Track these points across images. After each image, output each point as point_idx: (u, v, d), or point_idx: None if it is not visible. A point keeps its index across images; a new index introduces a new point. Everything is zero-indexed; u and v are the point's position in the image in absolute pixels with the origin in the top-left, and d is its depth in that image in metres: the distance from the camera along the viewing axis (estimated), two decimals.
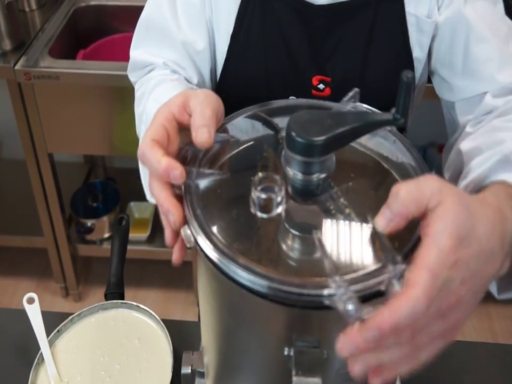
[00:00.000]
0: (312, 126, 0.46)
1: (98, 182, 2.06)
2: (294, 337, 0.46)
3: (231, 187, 0.52)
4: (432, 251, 0.41)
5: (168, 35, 0.78)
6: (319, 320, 0.46)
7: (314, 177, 0.48)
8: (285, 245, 0.47)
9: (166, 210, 0.49)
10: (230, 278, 0.44)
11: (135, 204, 2.00)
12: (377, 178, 0.55)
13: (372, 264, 0.44)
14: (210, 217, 0.48)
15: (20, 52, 1.60)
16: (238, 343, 0.51)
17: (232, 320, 0.50)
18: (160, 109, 0.52)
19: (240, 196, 0.50)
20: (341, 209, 0.47)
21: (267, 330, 0.48)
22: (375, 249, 0.45)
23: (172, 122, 0.51)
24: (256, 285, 0.43)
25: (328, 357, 0.46)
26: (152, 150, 0.49)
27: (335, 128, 0.46)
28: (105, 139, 1.72)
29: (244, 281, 0.43)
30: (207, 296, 0.53)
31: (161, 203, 0.50)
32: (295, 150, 0.46)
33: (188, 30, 0.77)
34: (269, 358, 0.50)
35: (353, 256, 0.45)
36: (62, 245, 1.87)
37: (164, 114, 0.51)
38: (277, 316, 0.46)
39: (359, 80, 0.75)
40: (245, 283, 0.43)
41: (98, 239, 1.93)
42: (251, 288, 0.43)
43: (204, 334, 0.59)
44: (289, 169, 0.48)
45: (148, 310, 0.84)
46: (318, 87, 0.75)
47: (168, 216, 0.49)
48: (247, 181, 0.48)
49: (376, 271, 0.43)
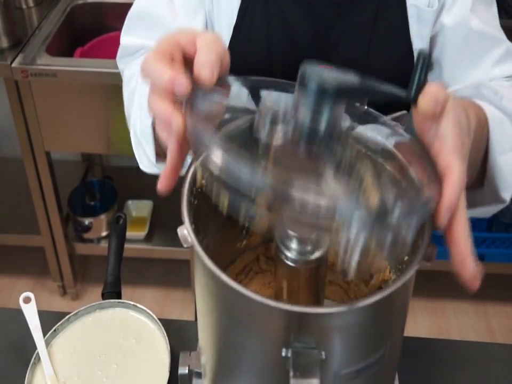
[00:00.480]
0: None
1: (95, 181, 2.06)
2: (292, 338, 0.46)
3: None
4: (448, 139, 0.48)
5: (162, 23, 0.77)
6: (317, 321, 0.45)
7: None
8: None
9: (168, 116, 0.47)
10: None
11: (133, 202, 2.00)
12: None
13: None
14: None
15: (17, 50, 1.59)
16: (235, 344, 0.51)
17: (229, 321, 0.50)
18: (165, 36, 0.50)
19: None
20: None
21: (264, 331, 0.48)
22: None
23: (179, 47, 0.49)
24: None
25: (326, 358, 0.46)
26: (157, 61, 0.47)
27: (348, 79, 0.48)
28: (103, 137, 1.71)
29: None
30: (203, 296, 0.53)
31: (162, 112, 0.47)
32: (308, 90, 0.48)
33: (185, 18, 0.77)
34: (267, 359, 0.49)
35: None
36: (59, 243, 1.86)
37: (171, 40, 0.49)
38: (275, 316, 0.46)
39: (361, 70, 0.75)
40: None
41: (95, 238, 1.92)
42: None
43: (201, 334, 0.58)
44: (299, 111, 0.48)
45: (145, 310, 0.83)
46: None
47: (172, 120, 0.47)
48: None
49: None
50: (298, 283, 0.58)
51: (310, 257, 0.55)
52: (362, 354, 0.49)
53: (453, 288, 1.03)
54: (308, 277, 0.57)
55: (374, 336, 0.49)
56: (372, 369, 0.51)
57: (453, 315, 1.89)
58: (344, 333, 0.47)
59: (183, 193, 0.53)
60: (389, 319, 0.50)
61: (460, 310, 1.91)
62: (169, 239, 1.93)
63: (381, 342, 0.50)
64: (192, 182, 0.55)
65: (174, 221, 0.76)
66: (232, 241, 0.68)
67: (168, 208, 1.99)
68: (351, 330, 0.47)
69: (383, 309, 0.47)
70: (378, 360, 0.51)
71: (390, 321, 0.51)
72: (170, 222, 1.70)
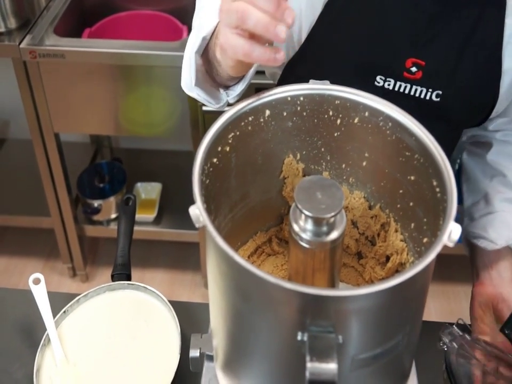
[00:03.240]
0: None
1: (104, 163, 2.04)
2: (308, 322, 0.44)
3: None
4: None
5: None
6: (335, 305, 0.44)
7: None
8: None
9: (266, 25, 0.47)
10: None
11: (142, 184, 1.98)
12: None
13: None
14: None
15: (25, 30, 1.57)
16: (249, 327, 0.50)
17: (243, 303, 0.49)
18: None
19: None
20: None
21: (280, 314, 0.46)
22: None
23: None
24: None
25: (343, 342, 0.45)
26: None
27: None
28: (112, 118, 1.70)
29: None
30: (215, 278, 0.52)
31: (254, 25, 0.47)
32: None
33: None
34: (281, 343, 0.48)
35: None
36: (69, 225, 1.86)
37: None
38: (291, 299, 0.44)
39: (450, 74, 0.73)
40: None
41: (105, 220, 1.91)
42: None
43: (213, 317, 0.57)
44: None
45: (155, 292, 0.82)
46: (411, 69, 0.72)
47: (270, 26, 0.47)
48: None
49: None
50: (313, 266, 0.56)
51: (326, 239, 0.54)
52: (380, 339, 0.48)
53: (465, 271, 1.01)
54: (323, 260, 0.55)
55: (393, 321, 0.47)
56: (389, 354, 0.49)
57: (465, 299, 1.87)
58: (363, 317, 0.45)
59: (195, 172, 0.52)
60: (408, 303, 0.48)
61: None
62: (178, 221, 1.92)
63: (400, 327, 0.48)
64: (204, 161, 0.53)
65: (183, 203, 0.75)
66: (243, 222, 0.67)
67: (178, 190, 1.98)
68: (369, 314, 0.45)
69: (404, 293, 0.46)
70: (395, 346, 0.49)
71: (410, 305, 0.49)
72: (180, 204, 1.69)
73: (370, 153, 0.63)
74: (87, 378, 0.76)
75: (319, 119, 0.62)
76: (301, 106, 0.61)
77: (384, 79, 0.71)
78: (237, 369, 0.55)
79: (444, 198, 0.51)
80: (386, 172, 0.62)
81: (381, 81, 0.72)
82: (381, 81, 0.72)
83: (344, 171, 0.66)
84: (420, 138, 0.56)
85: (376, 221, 0.66)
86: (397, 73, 0.73)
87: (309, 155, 0.66)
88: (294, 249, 0.56)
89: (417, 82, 0.72)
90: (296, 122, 0.62)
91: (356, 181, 0.66)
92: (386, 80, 0.72)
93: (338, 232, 0.54)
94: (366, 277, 0.68)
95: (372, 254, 0.68)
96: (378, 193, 0.65)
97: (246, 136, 0.59)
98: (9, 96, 1.81)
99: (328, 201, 0.53)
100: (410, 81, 0.72)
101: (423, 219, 0.57)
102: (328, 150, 0.65)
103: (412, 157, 0.57)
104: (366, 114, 0.60)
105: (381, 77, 0.71)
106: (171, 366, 0.74)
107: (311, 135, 0.64)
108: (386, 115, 0.59)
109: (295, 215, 0.55)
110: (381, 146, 0.61)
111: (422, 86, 0.72)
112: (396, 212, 0.63)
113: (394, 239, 0.63)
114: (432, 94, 0.73)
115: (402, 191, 0.61)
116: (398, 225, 0.63)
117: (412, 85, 0.73)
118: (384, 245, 0.65)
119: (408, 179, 0.59)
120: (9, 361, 0.82)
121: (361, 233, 0.69)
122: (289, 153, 0.65)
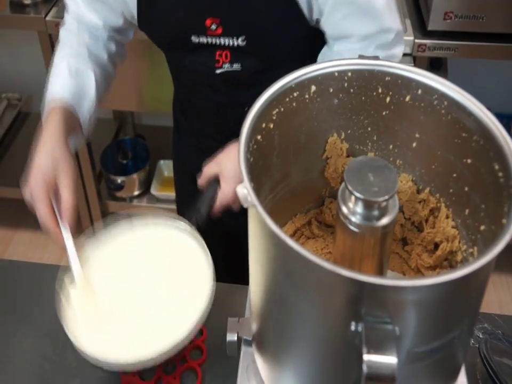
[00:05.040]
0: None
1: (128, 139, 2.02)
2: (364, 312, 0.41)
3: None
4: None
5: None
6: (394, 295, 0.41)
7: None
8: None
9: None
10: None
11: (165, 162, 1.96)
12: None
13: None
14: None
15: (51, 3, 1.54)
16: (297, 314, 0.47)
17: (291, 289, 0.46)
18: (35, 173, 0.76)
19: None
20: None
21: (332, 302, 0.44)
22: None
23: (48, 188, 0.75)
24: None
25: (400, 334, 0.42)
26: (41, 205, 0.75)
27: None
28: (135, 95, 1.68)
29: None
30: (261, 261, 0.49)
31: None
32: None
33: None
34: (332, 332, 0.45)
35: None
36: (93, 201, 1.85)
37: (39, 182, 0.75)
38: (346, 287, 0.42)
39: (245, 16, 0.82)
40: None
41: (128, 197, 1.90)
42: None
43: (255, 301, 0.55)
44: None
45: (187, 227, 0.77)
46: (211, 27, 0.83)
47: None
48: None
49: None
50: (361, 251, 0.53)
51: (377, 223, 0.51)
52: (439, 332, 0.45)
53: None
54: (373, 246, 0.53)
55: (453, 314, 0.45)
56: (445, 348, 0.47)
57: (493, 289, 1.83)
58: (422, 309, 0.43)
59: (241, 150, 0.49)
60: (469, 296, 0.45)
61: (499, 284, 1.85)
62: None
63: (459, 320, 0.45)
64: (249, 138, 0.50)
65: None
66: (283, 203, 0.64)
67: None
68: (430, 306, 0.43)
69: (467, 284, 0.43)
70: (452, 340, 0.46)
71: (470, 298, 0.46)
72: None
73: (421, 133, 0.59)
74: (107, 306, 0.71)
75: (367, 96, 0.59)
76: (348, 83, 0.58)
77: (197, 36, 0.84)
78: (279, 358, 0.53)
79: (509, 183, 0.48)
80: (439, 154, 0.58)
81: (196, 39, 0.85)
82: (196, 39, 0.85)
83: (391, 152, 0.63)
84: (480, 119, 0.52)
85: (425, 206, 0.63)
86: (204, 31, 0.84)
87: (354, 134, 0.62)
88: (341, 233, 0.53)
89: (221, 35, 0.83)
90: (342, 99, 0.59)
91: (403, 163, 0.63)
92: (200, 36, 0.84)
93: (390, 217, 0.51)
94: (411, 265, 0.65)
95: (418, 240, 0.65)
96: (428, 176, 0.61)
97: (290, 113, 0.56)
98: (34, 70, 1.79)
99: (380, 183, 0.50)
100: (217, 36, 0.84)
101: (481, 205, 0.54)
102: (375, 129, 0.61)
103: (470, 139, 0.54)
104: (419, 92, 0.56)
105: (194, 36, 0.84)
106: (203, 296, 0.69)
107: (358, 113, 0.60)
108: (441, 93, 0.55)
109: (344, 196, 0.52)
110: (434, 126, 0.57)
111: (227, 37, 0.83)
112: (448, 196, 0.60)
113: (445, 225, 0.60)
114: (238, 40, 0.83)
115: (456, 174, 0.57)
116: (449, 210, 0.60)
117: (219, 37, 0.84)
118: (433, 232, 0.62)
119: (464, 162, 0.55)
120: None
121: (407, 218, 0.65)
122: (334, 132, 0.62)
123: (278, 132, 0.56)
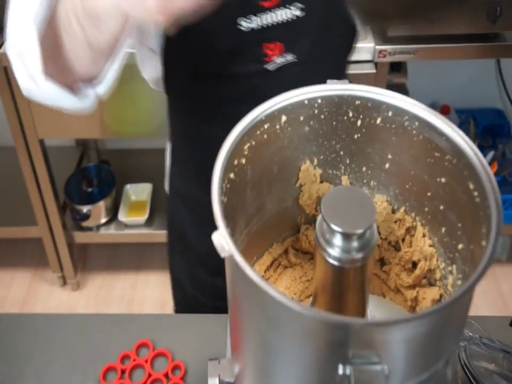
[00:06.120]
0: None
1: (92, 166, 1.97)
2: (351, 354, 0.40)
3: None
4: None
5: None
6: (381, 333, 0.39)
7: None
8: None
9: None
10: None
11: (131, 186, 1.92)
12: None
13: None
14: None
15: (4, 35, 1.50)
16: (280, 359, 0.45)
17: (274, 336, 0.44)
18: None
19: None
20: None
21: (318, 347, 0.42)
22: None
23: None
24: None
25: (390, 372, 0.40)
26: None
27: None
28: (98, 121, 1.63)
29: None
30: (241, 306, 0.47)
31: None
32: None
33: None
34: (319, 377, 0.43)
35: None
36: (58, 233, 1.79)
37: None
38: (331, 331, 0.40)
39: None
40: None
41: (95, 225, 1.85)
42: None
43: (234, 343, 0.52)
44: None
45: None
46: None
47: None
48: None
49: None
50: (341, 282, 0.52)
51: (356, 255, 0.49)
52: (428, 362, 0.44)
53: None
54: (353, 276, 0.51)
55: (442, 340, 0.43)
56: (435, 377, 0.45)
57: None
58: (410, 344, 0.41)
59: (214, 194, 0.46)
60: (457, 320, 0.44)
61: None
62: None
63: (448, 346, 0.44)
64: (222, 178, 0.48)
65: None
66: (259, 235, 0.62)
67: None
68: (417, 340, 0.41)
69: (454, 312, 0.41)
70: (442, 366, 0.45)
71: (458, 321, 0.45)
72: None
73: (394, 154, 0.58)
74: None
75: (338, 121, 0.58)
76: (318, 109, 0.56)
77: (245, 19, 0.66)
78: None
79: (484, 203, 0.47)
80: (412, 173, 0.58)
81: (244, 23, 0.67)
82: (243, 23, 0.67)
83: (364, 174, 0.61)
84: (452, 138, 0.52)
85: (401, 225, 0.62)
86: (253, 5, 0.67)
87: (327, 160, 0.61)
88: (320, 266, 0.52)
89: (277, 6, 0.68)
90: (313, 126, 0.58)
91: (377, 184, 0.62)
92: (247, 18, 0.67)
93: (369, 246, 0.50)
94: (391, 285, 0.64)
95: (396, 260, 0.64)
96: (403, 196, 0.60)
97: (261, 145, 0.55)
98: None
99: (358, 214, 0.48)
100: (270, 8, 0.68)
101: (457, 224, 0.53)
102: (348, 153, 0.60)
103: (443, 158, 0.53)
104: (389, 114, 0.55)
105: (241, 19, 0.66)
106: None
107: (329, 138, 0.59)
108: (412, 114, 0.54)
109: (322, 229, 0.50)
110: (406, 147, 0.56)
111: (283, 7, 0.68)
112: (423, 215, 0.59)
113: (422, 244, 0.59)
114: (297, 10, 0.69)
115: (430, 193, 0.56)
116: (425, 229, 0.59)
117: (273, 10, 0.68)
118: (410, 250, 0.61)
119: (438, 181, 0.55)
120: None
121: (383, 238, 0.64)
122: (306, 159, 0.60)
123: (251, 166, 0.55)
